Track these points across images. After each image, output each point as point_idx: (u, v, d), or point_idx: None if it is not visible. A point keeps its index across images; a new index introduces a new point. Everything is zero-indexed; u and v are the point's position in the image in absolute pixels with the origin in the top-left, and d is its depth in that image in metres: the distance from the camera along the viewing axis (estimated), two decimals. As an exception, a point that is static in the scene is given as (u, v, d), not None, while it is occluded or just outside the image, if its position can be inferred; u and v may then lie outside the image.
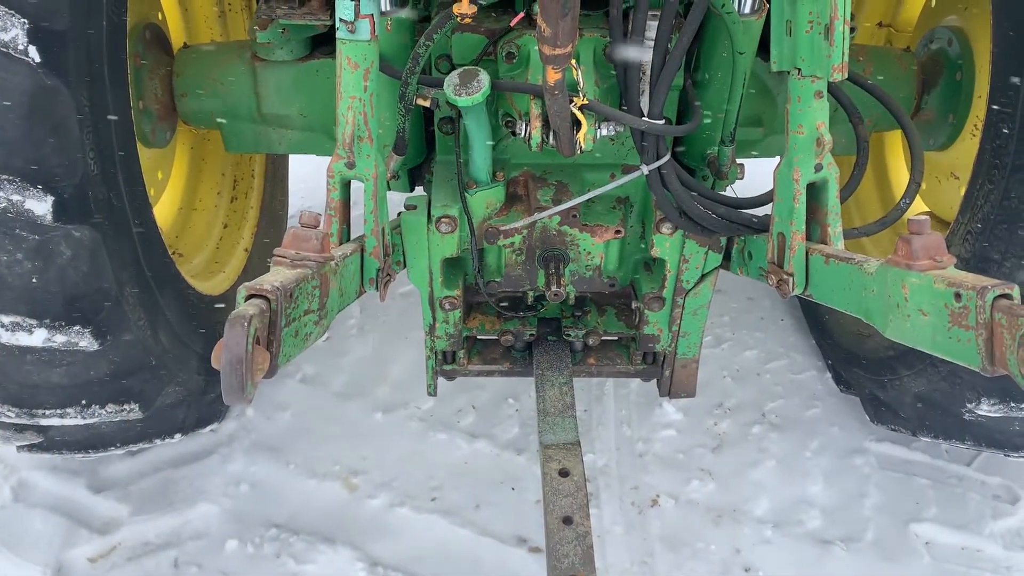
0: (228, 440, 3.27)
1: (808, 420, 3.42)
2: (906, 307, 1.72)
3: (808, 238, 2.09)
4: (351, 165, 2.03)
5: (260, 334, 1.47)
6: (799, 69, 1.94)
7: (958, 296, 1.59)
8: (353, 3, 1.88)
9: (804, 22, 1.89)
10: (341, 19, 1.91)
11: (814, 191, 2.08)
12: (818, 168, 2.03)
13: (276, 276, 1.64)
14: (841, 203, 2.15)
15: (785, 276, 2.08)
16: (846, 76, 1.88)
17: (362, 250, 2.08)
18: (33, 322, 2.18)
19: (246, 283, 1.55)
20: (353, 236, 2.12)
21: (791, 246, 2.07)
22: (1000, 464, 3.20)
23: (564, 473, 2.19)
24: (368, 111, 1.99)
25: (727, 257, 2.46)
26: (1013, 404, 2.48)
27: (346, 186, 2.08)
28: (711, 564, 2.84)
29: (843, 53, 1.86)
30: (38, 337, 2.19)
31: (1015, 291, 1.55)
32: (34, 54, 1.97)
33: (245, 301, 1.52)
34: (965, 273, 1.65)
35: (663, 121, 2.08)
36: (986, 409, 2.51)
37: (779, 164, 2.07)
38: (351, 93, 1.97)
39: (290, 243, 1.77)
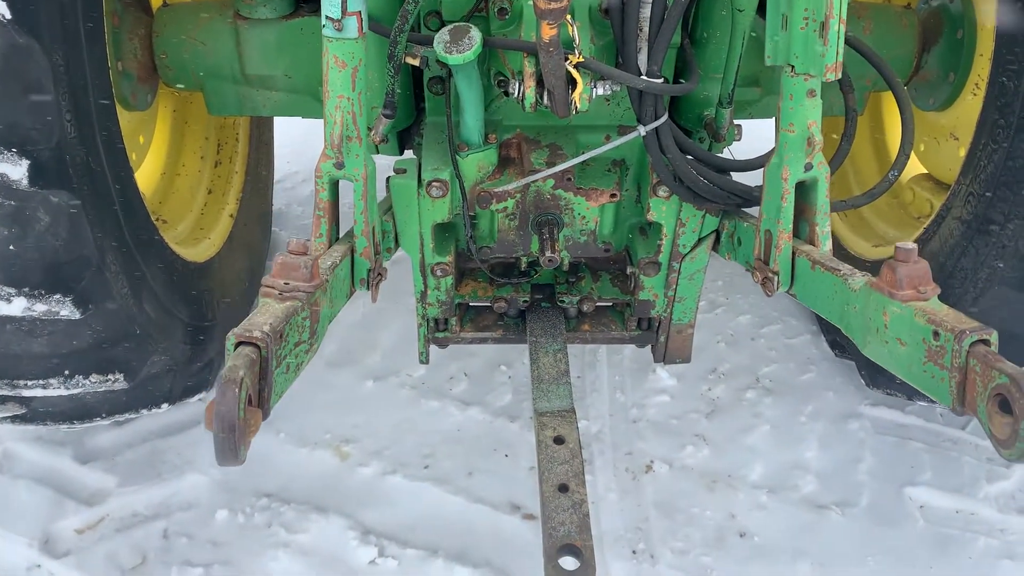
0: (216, 409, 3.22)
1: (802, 385, 3.41)
2: (885, 333, 1.74)
3: (796, 235, 2.10)
4: (340, 165, 1.99)
5: (252, 391, 1.46)
6: (792, 67, 1.91)
7: (936, 335, 1.62)
8: (340, 0, 1.83)
9: (799, 18, 1.86)
10: (328, 16, 1.85)
11: (803, 190, 2.08)
12: (808, 168, 2.02)
13: (265, 315, 1.60)
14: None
15: (770, 274, 2.10)
16: (839, 77, 1.87)
17: (352, 251, 2.06)
18: (11, 291, 2.13)
19: (235, 330, 1.53)
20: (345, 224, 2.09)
21: (777, 245, 2.08)
22: (994, 427, 3.19)
23: (559, 440, 2.16)
24: (357, 110, 1.95)
25: (716, 240, 2.45)
26: (1012, 368, 2.46)
27: (335, 186, 2.05)
28: (706, 530, 2.82)
29: (837, 53, 1.83)
30: (17, 306, 2.14)
31: (993, 336, 1.57)
32: (4, 10, 1.89)
33: (235, 349, 1.50)
34: (947, 309, 1.67)
35: (661, 80, 2.02)
36: (984, 373, 2.49)
37: (769, 161, 2.07)
38: (339, 92, 1.92)
39: (278, 272, 1.73)
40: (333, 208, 2.07)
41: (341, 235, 2.14)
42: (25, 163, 2.01)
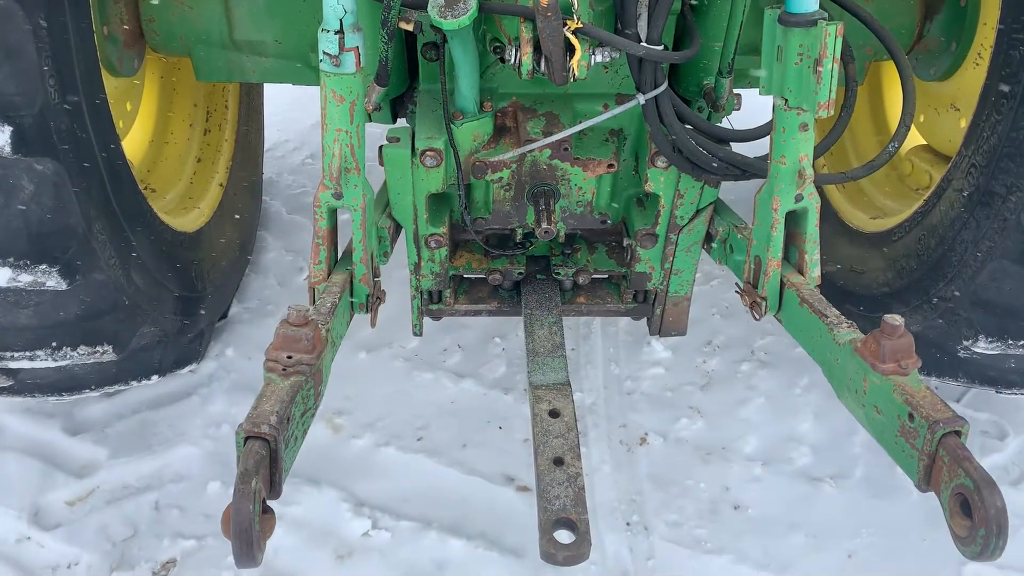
0: (208, 380, 3.20)
1: (797, 357, 3.38)
2: (864, 398, 1.78)
3: (786, 258, 2.15)
4: (338, 196, 2.03)
5: (264, 491, 1.51)
6: (786, 100, 1.94)
7: (912, 417, 1.65)
8: (337, 37, 1.84)
9: (794, 54, 1.88)
10: (325, 52, 1.86)
11: (794, 218, 2.11)
12: (798, 199, 2.06)
13: (272, 400, 1.61)
14: (822, 154, 2.20)
15: (758, 299, 2.15)
16: (831, 113, 1.89)
17: (351, 278, 2.12)
18: (-4, 261, 2.09)
19: (244, 424, 1.54)
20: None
21: (766, 272, 2.12)
22: (988, 400, 3.19)
23: (554, 414, 2.14)
24: (355, 143, 1.98)
25: (708, 241, 2.46)
26: (1011, 341, 2.45)
27: (333, 214, 2.10)
28: (700, 502, 2.82)
29: (830, 91, 1.86)
30: (2, 276, 2.10)
31: (965, 428, 1.60)
32: (-17, -28, 1.83)
33: (244, 444, 1.52)
34: (924, 390, 1.69)
35: (661, 47, 1.98)
36: (983, 346, 2.48)
37: (760, 189, 2.10)
38: (337, 126, 1.95)
39: (280, 345, 1.73)
40: (332, 235, 2.13)
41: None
42: (8, 130, 1.96)
